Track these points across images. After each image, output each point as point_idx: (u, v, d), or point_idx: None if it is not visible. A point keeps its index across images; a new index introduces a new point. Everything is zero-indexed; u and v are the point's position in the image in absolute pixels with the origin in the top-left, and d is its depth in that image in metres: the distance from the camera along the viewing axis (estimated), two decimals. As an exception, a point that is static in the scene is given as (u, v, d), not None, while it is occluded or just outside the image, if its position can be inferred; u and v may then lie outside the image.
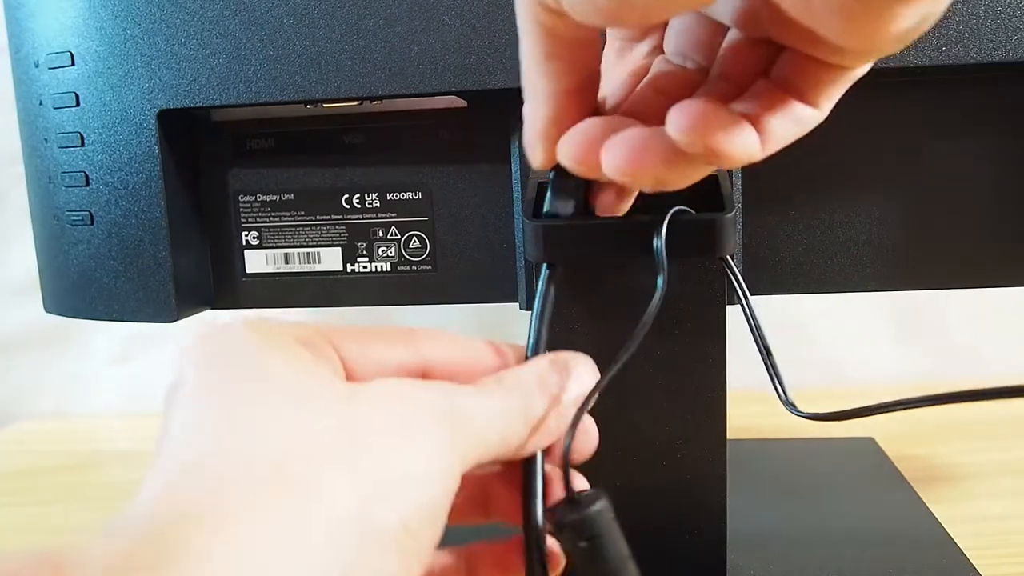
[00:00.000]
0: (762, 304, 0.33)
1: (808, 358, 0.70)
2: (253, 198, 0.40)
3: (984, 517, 0.46)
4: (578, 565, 0.24)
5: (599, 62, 0.24)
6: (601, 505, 0.24)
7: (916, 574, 0.38)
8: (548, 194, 0.28)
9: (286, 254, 0.40)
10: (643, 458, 0.34)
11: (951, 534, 0.40)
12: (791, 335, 0.69)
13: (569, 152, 0.23)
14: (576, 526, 0.23)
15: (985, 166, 0.36)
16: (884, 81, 0.35)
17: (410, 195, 0.39)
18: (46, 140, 0.38)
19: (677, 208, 0.29)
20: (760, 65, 0.23)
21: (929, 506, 0.44)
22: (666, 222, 0.28)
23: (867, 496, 0.46)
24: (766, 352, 0.32)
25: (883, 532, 0.41)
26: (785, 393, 0.31)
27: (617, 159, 0.22)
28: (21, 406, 0.75)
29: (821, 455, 0.51)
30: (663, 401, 0.34)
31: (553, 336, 0.34)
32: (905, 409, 0.28)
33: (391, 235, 0.39)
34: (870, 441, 0.53)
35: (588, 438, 0.26)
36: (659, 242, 0.27)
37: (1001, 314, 0.67)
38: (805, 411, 0.29)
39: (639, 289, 0.33)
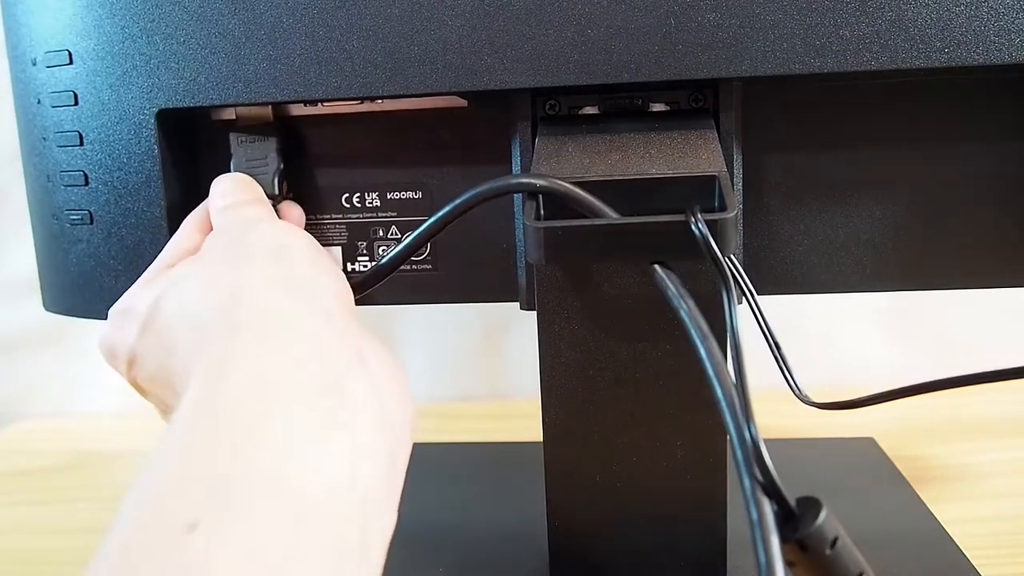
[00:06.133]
0: (762, 304, 0.33)
1: (807, 359, 0.70)
2: (253, 198, 0.40)
3: (984, 517, 0.46)
4: None
5: None
6: (825, 506, 0.22)
7: (916, 574, 0.38)
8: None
9: (286, 254, 0.40)
10: (644, 458, 0.34)
11: (951, 534, 0.40)
12: (790, 336, 0.69)
13: None
14: (818, 535, 0.21)
15: (985, 166, 0.36)
16: (884, 82, 0.35)
17: (410, 195, 0.39)
18: (44, 139, 0.38)
19: (696, 207, 0.29)
20: None
21: (929, 506, 0.44)
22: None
23: (867, 496, 0.46)
24: (775, 345, 0.32)
25: (883, 532, 0.41)
26: (796, 384, 0.32)
27: None
28: (21, 406, 0.75)
29: (821, 455, 0.51)
30: (663, 401, 0.34)
31: (553, 336, 0.34)
32: (912, 396, 0.28)
33: (391, 235, 0.39)
34: (870, 441, 0.53)
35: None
36: (703, 236, 0.27)
37: (1001, 314, 0.67)
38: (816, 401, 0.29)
39: (638, 289, 0.33)
